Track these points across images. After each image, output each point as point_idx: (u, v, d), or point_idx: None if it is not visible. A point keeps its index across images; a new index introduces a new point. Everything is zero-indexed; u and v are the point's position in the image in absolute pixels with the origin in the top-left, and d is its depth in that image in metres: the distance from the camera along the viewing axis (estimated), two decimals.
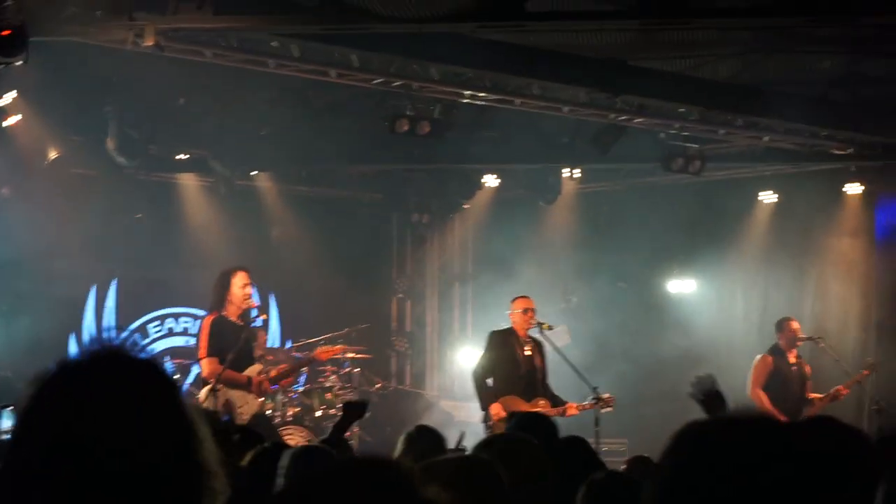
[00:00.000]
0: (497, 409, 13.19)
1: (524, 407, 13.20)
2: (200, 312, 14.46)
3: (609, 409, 13.58)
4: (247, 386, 12.80)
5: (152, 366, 2.36)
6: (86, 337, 16.77)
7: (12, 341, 15.58)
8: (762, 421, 2.44)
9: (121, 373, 2.33)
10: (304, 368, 15.76)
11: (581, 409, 13.62)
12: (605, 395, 13.60)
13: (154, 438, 2.26)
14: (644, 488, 2.49)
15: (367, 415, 12.51)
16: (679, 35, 14.13)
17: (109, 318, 17.44)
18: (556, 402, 13.75)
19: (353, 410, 8.66)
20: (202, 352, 12.79)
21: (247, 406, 12.78)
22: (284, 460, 5.74)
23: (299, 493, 1.81)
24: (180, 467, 2.27)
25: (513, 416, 9.06)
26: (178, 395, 2.37)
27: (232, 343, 12.69)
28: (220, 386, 12.51)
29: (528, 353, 13.83)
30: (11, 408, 8.53)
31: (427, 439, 6.90)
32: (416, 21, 12.62)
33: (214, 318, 12.93)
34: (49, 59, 12.76)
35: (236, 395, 12.74)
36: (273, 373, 13.35)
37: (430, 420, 16.67)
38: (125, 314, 17.61)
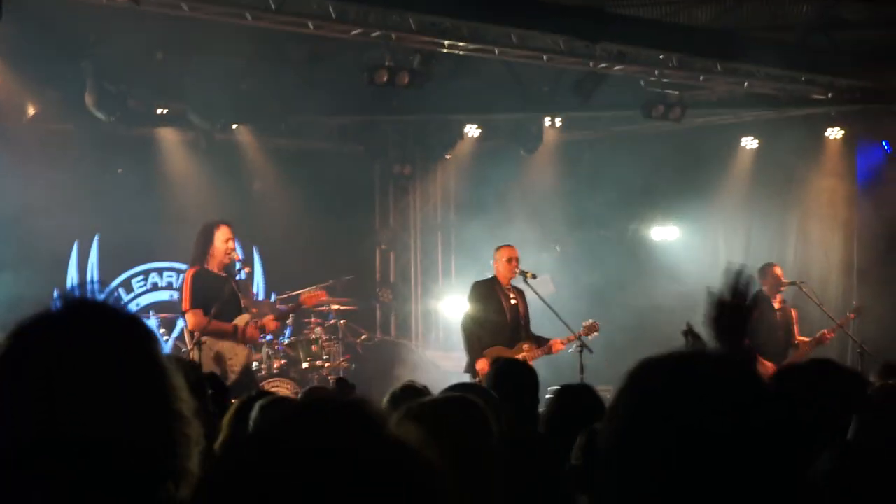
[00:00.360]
0: (482, 365, 13.19)
1: (508, 355, 13.22)
2: (184, 267, 14.41)
3: (595, 335, 13.61)
4: (233, 335, 12.81)
5: (127, 316, 2.38)
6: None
7: None
8: (743, 362, 2.38)
9: (97, 322, 2.34)
10: (289, 320, 15.77)
11: (565, 343, 13.67)
12: (587, 322, 13.65)
13: (130, 387, 2.27)
14: (601, 430, 2.37)
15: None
16: None
17: (93, 273, 17.42)
18: (539, 342, 13.78)
19: (343, 388, 8.65)
20: (185, 304, 12.80)
21: (236, 358, 12.80)
22: (254, 413, 5.69)
23: (261, 438, 1.79)
24: (155, 414, 2.29)
25: (494, 364, 9.06)
26: (154, 344, 2.38)
27: (216, 295, 12.70)
28: (205, 339, 12.53)
29: (513, 301, 13.85)
30: None
31: (412, 398, 6.87)
32: None
33: (197, 271, 12.94)
34: (24, 15, 12.67)
35: (225, 347, 12.76)
36: (260, 322, 13.35)
37: (416, 370, 16.72)
38: (108, 269, 17.56)
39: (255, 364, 14.34)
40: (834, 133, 17.92)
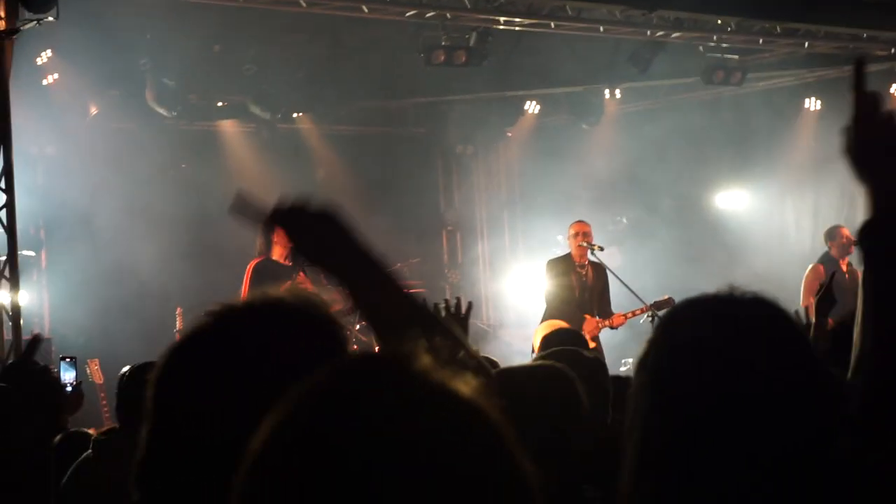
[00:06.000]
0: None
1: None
2: None
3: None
4: None
5: None
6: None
7: (66, 299, 15.73)
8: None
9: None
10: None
11: (629, 317, 13.59)
12: (662, 298, 13.55)
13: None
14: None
15: None
16: None
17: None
18: (605, 316, 13.71)
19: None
20: (242, 295, 12.84)
21: None
22: None
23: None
24: None
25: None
26: None
27: (280, 283, 12.76)
28: None
29: (583, 277, 13.78)
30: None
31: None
32: None
33: (259, 262, 13.02)
34: (81, 15, 12.74)
35: None
36: None
37: (489, 350, 16.69)
38: (177, 263, 17.50)
39: None
40: None
